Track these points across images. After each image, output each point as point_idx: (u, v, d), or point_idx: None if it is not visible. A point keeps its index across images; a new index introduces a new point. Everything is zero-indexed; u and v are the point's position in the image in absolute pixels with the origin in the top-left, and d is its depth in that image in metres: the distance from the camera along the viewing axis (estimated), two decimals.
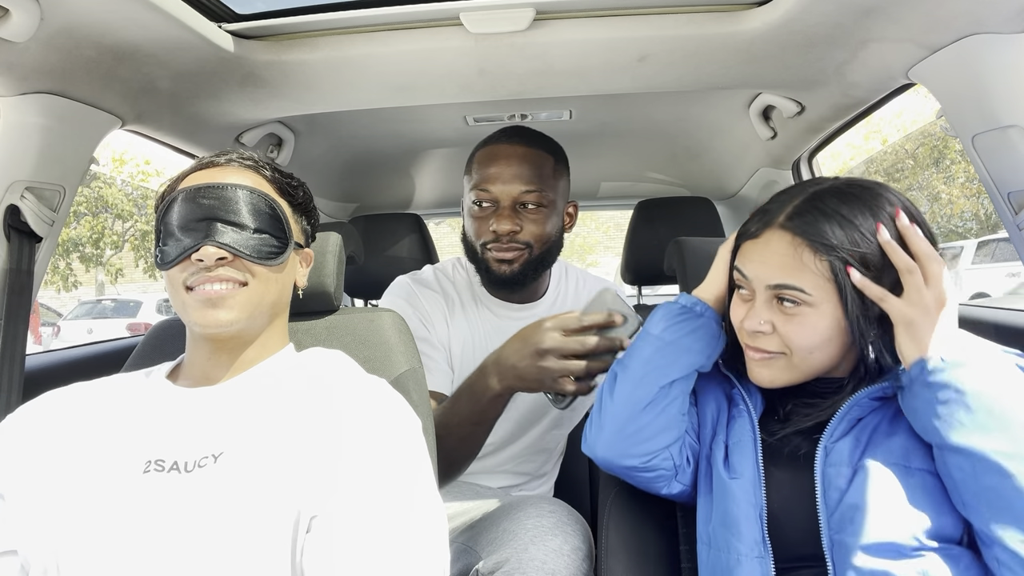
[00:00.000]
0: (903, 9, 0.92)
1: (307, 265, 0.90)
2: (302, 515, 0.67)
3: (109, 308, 11.18)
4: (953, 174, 13.07)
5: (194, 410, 0.75)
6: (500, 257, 1.17)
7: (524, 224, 1.16)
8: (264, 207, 0.78)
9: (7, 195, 1.00)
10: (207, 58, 1.07)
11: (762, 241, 0.79)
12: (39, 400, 0.78)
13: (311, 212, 0.89)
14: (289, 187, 0.84)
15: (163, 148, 1.42)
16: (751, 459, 0.80)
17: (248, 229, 0.76)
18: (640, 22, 1.05)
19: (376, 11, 1.03)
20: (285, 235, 0.79)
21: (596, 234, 21.30)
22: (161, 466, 0.69)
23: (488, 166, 1.17)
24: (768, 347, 0.79)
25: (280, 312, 0.84)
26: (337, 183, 2.10)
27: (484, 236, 1.18)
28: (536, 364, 0.95)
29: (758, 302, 0.79)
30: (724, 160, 1.99)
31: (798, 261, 0.75)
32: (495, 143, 1.20)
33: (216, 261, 0.73)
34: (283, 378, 0.79)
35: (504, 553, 0.91)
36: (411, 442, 0.75)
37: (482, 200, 1.17)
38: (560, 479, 1.42)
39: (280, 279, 0.80)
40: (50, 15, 0.86)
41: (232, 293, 0.75)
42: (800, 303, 0.75)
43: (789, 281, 0.75)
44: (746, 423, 0.83)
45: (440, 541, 0.71)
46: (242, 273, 0.75)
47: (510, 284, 1.20)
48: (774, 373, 0.80)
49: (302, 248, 0.87)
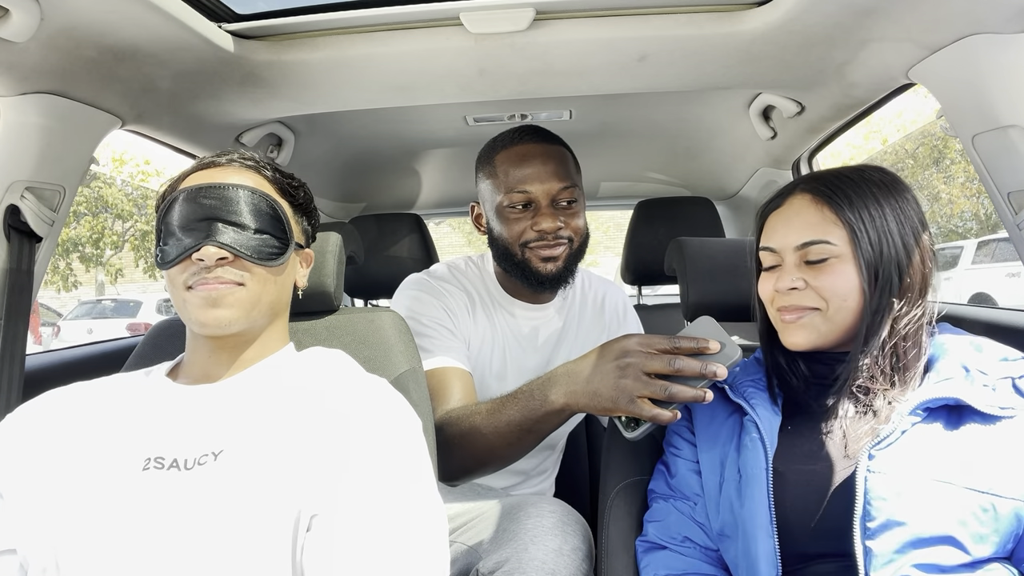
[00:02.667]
0: (903, 9, 0.92)
1: (307, 265, 0.90)
2: (302, 513, 0.67)
3: (109, 308, 11.18)
4: (953, 174, 13.07)
5: (194, 408, 0.75)
6: (546, 255, 1.17)
7: (565, 219, 1.17)
8: (265, 207, 0.78)
9: (7, 195, 1.00)
10: (207, 58, 1.07)
11: (784, 208, 0.85)
12: (39, 400, 0.78)
13: (312, 213, 0.89)
14: (290, 187, 0.84)
15: (163, 148, 1.42)
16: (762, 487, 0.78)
17: (249, 229, 0.76)
18: (640, 22, 1.05)
19: (376, 11, 1.03)
20: (286, 236, 0.80)
21: (596, 234, 21.30)
22: (161, 463, 0.69)
23: (520, 167, 1.17)
24: (803, 302, 0.81)
25: (280, 312, 0.84)
26: (337, 183, 2.10)
27: (526, 236, 1.17)
28: (614, 380, 0.82)
29: (787, 265, 0.83)
30: (724, 160, 1.99)
31: (820, 216, 0.81)
32: (519, 143, 1.19)
33: (217, 261, 0.74)
34: (283, 376, 0.79)
35: (504, 553, 0.90)
36: (411, 442, 0.75)
37: (519, 202, 1.17)
38: (560, 479, 1.42)
39: (280, 279, 0.80)
40: (50, 15, 0.86)
41: (231, 291, 0.75)
42: (828, 257, 0.79)
43: (815, 237, 0.80)
44: (759, 451, 0.80)
45: (440, 540, 0.71)
46: (242, 274, 0.76)
47: (555, 282, 1.20)
48: (808, 333, 0.81)
49: (303, 248, 0.87)
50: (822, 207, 0.81)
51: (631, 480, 0.97)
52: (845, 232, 0.79)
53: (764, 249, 0.86)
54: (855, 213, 0.79)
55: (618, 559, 0.90)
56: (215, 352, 0.79)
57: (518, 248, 1.19)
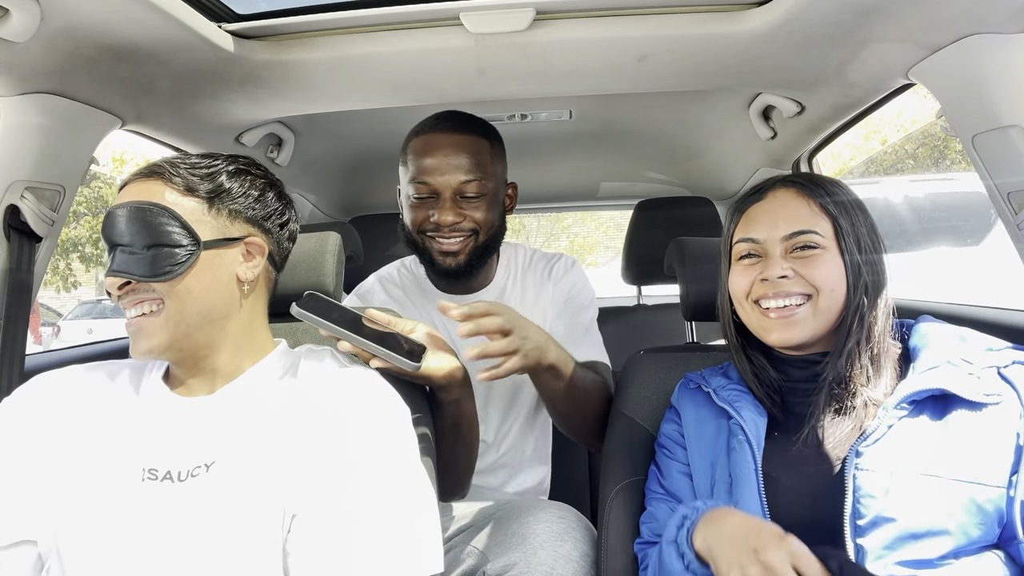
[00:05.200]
0: (903, 9, 0.92)
1: (261, 255, 0.79)
2: (286, 516, 0.67)
3: (109, 308, 11.15)
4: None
5: (187, 419, 0.74)
6: (445, 249, 1.16)
7: (467, 212, 1.16)
8: (153, 220, 0.72)
9: (7, 195, 1.00)
10: (207, 58, 1.07)
11: (767, 200, 0.85)
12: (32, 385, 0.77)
13: (242, 198, 0.78)
14: (204, 179, 0.76)
15: (163, 148, 1.42)
16: (753, 490, 0.78)
17: (139, 248, 0.72)
18: (640, 22, 1.04)
19: (376, 11, 1.03)
20: (186, 240, 0.73)
21: (596, 234, 21.26)
22: (155, 475, 0.70)
23: (424, 156, 1.16)
24: (792, 289, 0.80)
25: (228, 315, 0.77)
26: (338, 183, 2.10)
27: (424, 224, 1.17)
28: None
29: (773, 255, 0.82)
30: (724, 160, 1.99)
31: (807, 208, 0.82)
32: (429, 131, 1.19)
33: (119, 289, 0.73)
34: (274, 385, 0.78)
35: (513, 556, 0.90)
36: (398, 433, 0.74)
37: (422, 193, 1.16)
38: (560, 479, 1.41)
39: (196, 285, 0.73)
40: (50, 15, 0.86)
41: (148, 320, 0.73)
42: (816, 246, 0.80)
43: (804, 227, 0.81)
44: (747, 454, 0.81)
45: (432, 529, 0.71)
46: (148, 294, 0.73)
47: (457, 276, 1.19)
48: (801, 328, 0.80)
49: (238, 240, 0.77)
50: (808, 200, 0.83)
51: (630, 480, 0.97)
52: (830, 226, 0.81)
53: (745, 241, 0.85)
54: (839, 209, 0.82)
55: (618, 559, 0.90)
56: (182, 371, 0.78)
57: (418, 235, 1.18)
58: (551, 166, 2.19)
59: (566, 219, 20.54)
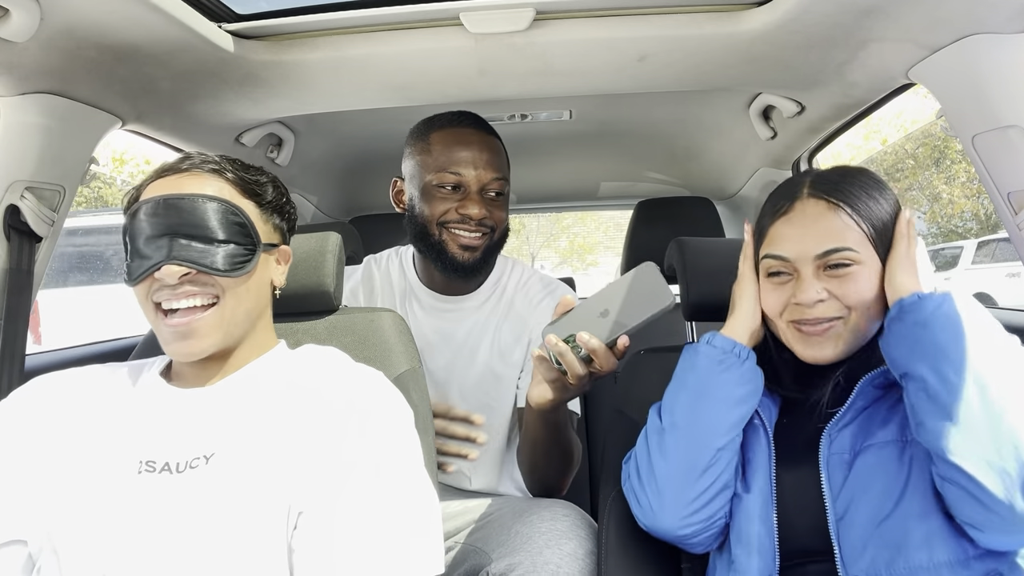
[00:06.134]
0: (903, 9, 0.92)
1: (285, 262, 0.86)
2: (292, 513, 0.67)
3: None
4: (953, 174, 13.06)
5: (186, 411, 0.75)
6: (465, 243, 1.16)
7: (491, 210, 1.17)
8: (227, 215, 0.74)
9: (7, 195, 1.00)
10: (207, 58, 1.07)
11: (796, 215, 0.79)
12: (32, 386, 0.77)
13: (283, 208, 0.85)
14: (256, 186, 0.80)
15: (163, 148, 1.42)
16: (765, 474, 0.79)
17: (210, 241, 0.73)
18: (640, 22, 1.04)
19: (376, 11, 1.03)
20: (252, 240, 0.76)
21: (596, 234, 21.26)
22: (152, 467, 0.69)
23: (456, 149, 1.16)
24: (828, 313, 0.77)
25: (261, 314, 0.81)
26: (338, 182, 2.10)
27: (448, 216, 1.16)
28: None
29: (806, 276, 0.78)
30: (724, 160, 1.99)
31: (839, 221, 0.77)
32: (459, 126, 1.19)
33: (180, 278, 0.71)
34: (275, 378, 0.79)
35: (517, 556, 0.90)
36: (402, 433, 0.75)
37: (449, 183, 1.15)
38: None
39: (252, 286, 0.77)
40: (50, 15, 0.86)
41: (201, 318, 0.72)
42: (852, 263, 0.76)
43: (837, 244, 0.76)
44: (761, 438, 0.82)
45: (434, 528, 0.71)
46: (207, 287, 0.73)
47: (469, 271, 1.18)
48: (836, 345, 0.78)
49: (276, 247, 0.83)
50: (839, 212, 0.77)
51: None
52: (864, 235, 0.77)
53: (774, 258, 0.81)
54: (869, 211, 0.77)
55: (618, 559, 0.90)
56: (197, 365, 0.78)
57: (436, 228, 1.17)
58: (551, 166, 2.19)
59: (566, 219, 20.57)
